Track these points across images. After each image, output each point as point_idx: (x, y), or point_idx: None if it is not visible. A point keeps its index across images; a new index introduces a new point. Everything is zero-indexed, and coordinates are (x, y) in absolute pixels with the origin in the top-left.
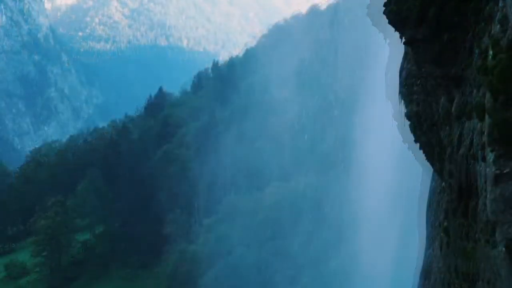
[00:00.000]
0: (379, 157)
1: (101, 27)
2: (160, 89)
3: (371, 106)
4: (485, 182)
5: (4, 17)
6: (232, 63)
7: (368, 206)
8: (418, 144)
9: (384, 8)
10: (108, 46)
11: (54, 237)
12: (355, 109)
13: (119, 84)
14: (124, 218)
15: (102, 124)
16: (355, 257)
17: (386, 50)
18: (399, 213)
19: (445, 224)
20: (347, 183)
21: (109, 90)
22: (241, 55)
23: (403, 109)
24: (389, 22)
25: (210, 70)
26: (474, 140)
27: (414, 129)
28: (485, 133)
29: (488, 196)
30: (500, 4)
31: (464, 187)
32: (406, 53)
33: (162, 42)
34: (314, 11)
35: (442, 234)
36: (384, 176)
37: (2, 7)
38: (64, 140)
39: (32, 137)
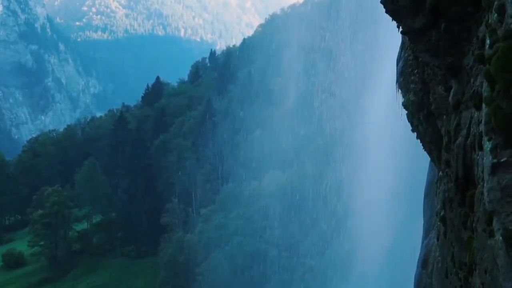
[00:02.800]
0: (377, 147)
1: (98, 16)
2: (157, 79)
3: (370, 95)
4: (483, 171)
5: (1, 6)
6: (230, 52)
7: (366, 196)
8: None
9: None
10: (105, 36)
11: (51, 227)
12: (353, 98)
13: (116, 74)
14: (121, 208)
15: (99, 113)
16: (354, 247)
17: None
18: (398, 204)
19: (442, 213)
20: (345, 173)
21: (106, 80)
22: (238, 44)
23: (400, 98)
24: (386, 11)
25: (207, 60)
26: (472, 130)
27: (411, 118)
28: (482, 123)
29: (485, 185)
30: None
31: (462, 176)
32: (403, 43)
33: (159, 31)
34: (311, 0)
35: (439, 223)
36: (383, 166)
37: None
38: (61, 129)
39: (29, 126)
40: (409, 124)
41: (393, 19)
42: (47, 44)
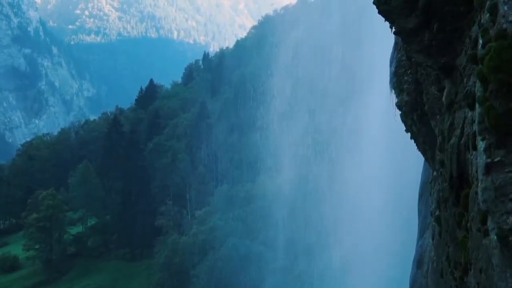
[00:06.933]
0: (372, 148)
1: (91, 19)
2: (151, 81)
3: (363, 95)
4: (477, 171)
5: None
6: (223, 54)
7: (361, 197)
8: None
9: None
10: (98, 39)
11: (46, 230)
12: (346, 98)
13: (109, 77)
14: (116, 210)
15: (93, 116)
16: (349, 247)
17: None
18: (393, 204)
19: (437, 213)
20: (340, 174)
21: (100, 83)
22: (231, 46)
23: (393, 99)
24: (379, 12)
25: (200, 62)
26: (465, 130)
27: (405, 119)
28: (476, 122)
29: (479, 185)
30: None
31: (456, 176)
32: (396, 43)
33: (153, 34)
34: (304, 1)
35: (434, 223)
36: (377, 167)
37: None
38: (55, 133)
39: (23, 130)
40: (403, 125)
41: (386, 19)
42: (40, 47)
